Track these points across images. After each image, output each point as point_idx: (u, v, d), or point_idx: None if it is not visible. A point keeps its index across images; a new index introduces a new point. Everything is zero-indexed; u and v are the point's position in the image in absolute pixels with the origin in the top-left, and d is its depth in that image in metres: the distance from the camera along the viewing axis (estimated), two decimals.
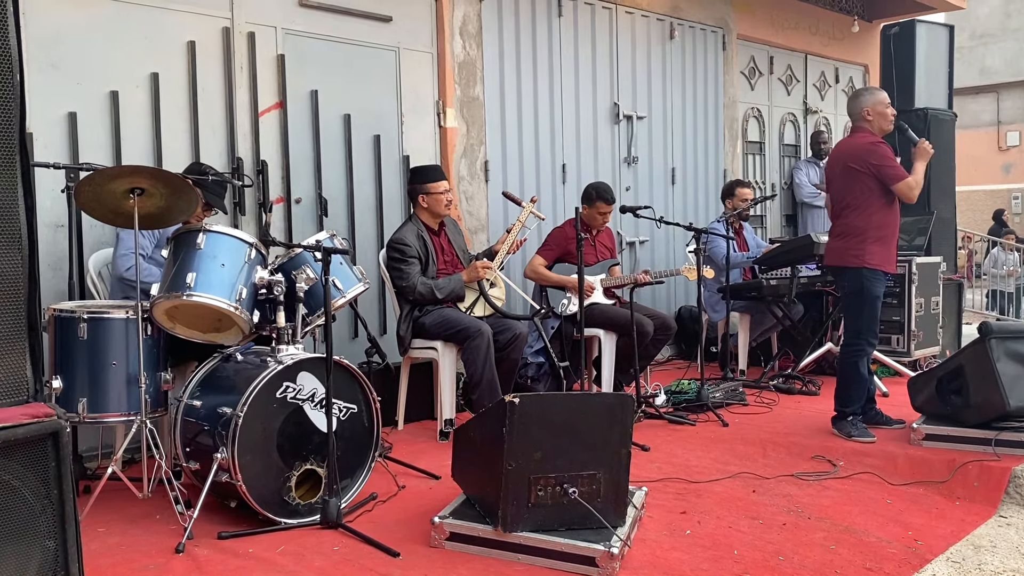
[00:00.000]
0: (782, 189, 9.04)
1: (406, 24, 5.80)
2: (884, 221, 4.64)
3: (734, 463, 4.33)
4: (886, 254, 4.64)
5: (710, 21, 8.03)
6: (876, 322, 4.67)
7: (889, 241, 4.67)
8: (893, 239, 4.69)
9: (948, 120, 7.37)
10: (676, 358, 7.44)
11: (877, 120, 4.71)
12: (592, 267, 5.63)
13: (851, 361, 4.67)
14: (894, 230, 4.69)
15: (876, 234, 4.62)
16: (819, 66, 9.46)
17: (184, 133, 4.81)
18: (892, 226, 4.68)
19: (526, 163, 6.52)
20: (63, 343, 3.51)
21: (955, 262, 7.72)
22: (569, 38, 6.81)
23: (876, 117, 4.72)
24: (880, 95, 4.77)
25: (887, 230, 4.65)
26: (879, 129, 4.72)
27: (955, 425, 4.36)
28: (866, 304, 4.63)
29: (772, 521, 3.55)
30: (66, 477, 2.14)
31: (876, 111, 4.71)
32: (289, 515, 3.42)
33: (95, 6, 4.49)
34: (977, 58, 20.08)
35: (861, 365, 4.65)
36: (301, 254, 3.82)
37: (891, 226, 4.68)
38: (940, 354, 6.46)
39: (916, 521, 3.63)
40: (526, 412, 3.04)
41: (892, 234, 4.68)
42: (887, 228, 4.65)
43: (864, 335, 4.65)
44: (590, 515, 3.08)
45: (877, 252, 4.61)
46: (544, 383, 5.54)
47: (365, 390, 3.67)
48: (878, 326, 4.69)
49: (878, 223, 4.62)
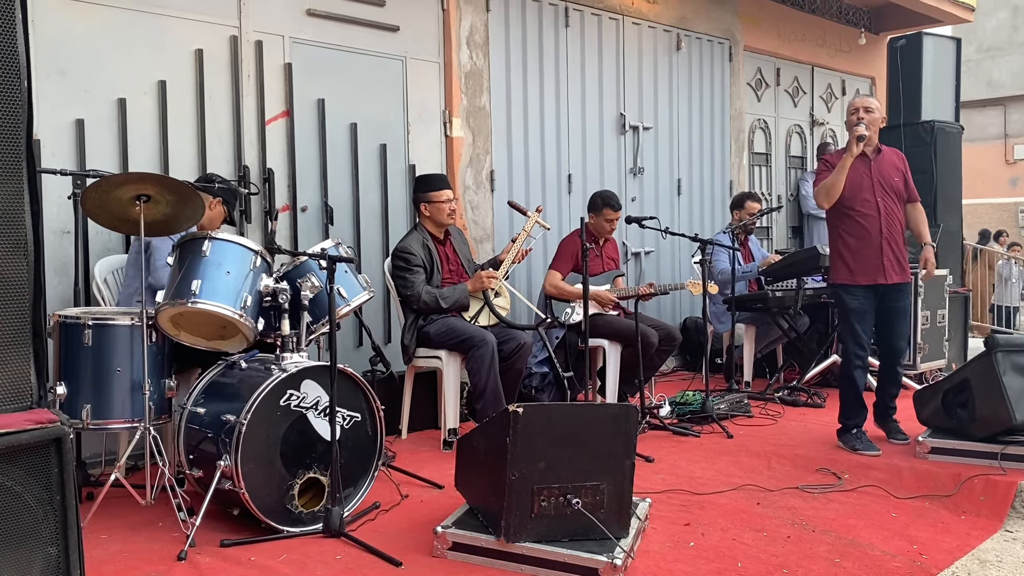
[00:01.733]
0: (788, 201, 9.03)
1: (413, 34, 5.82)
2: (847, 235, 4.65)
3: (739, 475, 4.32)
4: (850, 269, 4.64)
5: (717, 33, 8.03)
6: (859, 335, 4.64)
7: (856, 254, 4.62)
8: (864, 250, 4.61)
9: (955, 133, 7.35)
10: (681, 369, 7.42)
11: (847, 128, 4.72)
12: (597, 277, 5.63)
13: (843, 375, 4.77)
14: (863, 241, 4.60)
15: (838, 249, 4.70)
16: (826, 78, 9.47)
17: (191, 141, 4.82)
18: (856, 239, 4.62)
19: (532, 173, 6.53)
20: (68, 349, 3.52)
21: (961, 275, 7.70)
22: (576, 49, 6.82)
23: (846, 126, 4.73)
24: (851, 103, 4.76)
25: (850, 243, 4.64)
26: None
27: (961, 439, 4.34)
28: (843, 319, 4.71)
29: (776, 534, 3.53)
30: (69, 484, 2.14)
31: (846, 119, 4.74)
32: (292, 523, 3.41)
33: (103, 13, 4.50)
34: (984, 71, 20.07)
35: (854, 379, 4.67)
36: (306, 262, 3.83)
37: (855, 240, 4.62)
38: (946, 367, 6.43)
39: (921, 535, 3.61)
40: (530, 422, 3.03)
41: (861, 246, 4.61)
42: (850, 241, 4.64)
43: (849, 349, 4.69)
44: (593, 526, 3.07)
45: (841, 268, 4.68)
46: (548, 393, 5.53)
47: (369, 399, 3.66)
48: (862, 339, 4.65)
49: (840, 238, 4.69)
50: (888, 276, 4.61)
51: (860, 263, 4.62)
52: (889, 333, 4.73)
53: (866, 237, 4.61)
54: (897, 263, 4.63)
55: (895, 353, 4.78)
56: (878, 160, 4.66)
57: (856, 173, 4.59)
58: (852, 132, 4.55)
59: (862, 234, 4.61)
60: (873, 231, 4.60)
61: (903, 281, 4.67)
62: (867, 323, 4.67)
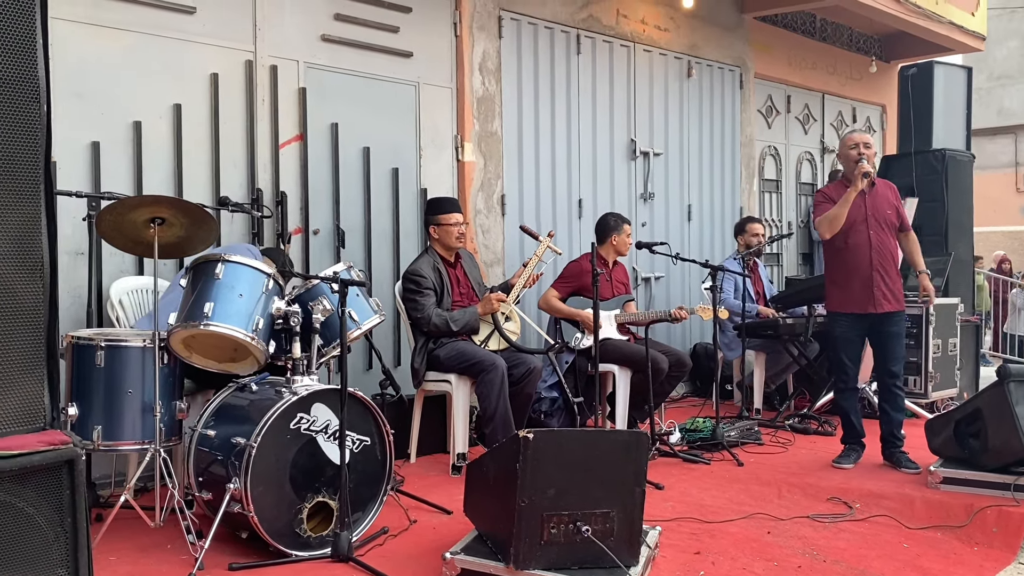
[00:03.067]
0: (799, 227, 9.03)
1: (426, 59, 5.87)
2: (837, 264, 4.81)
3: (749, 503, 4.29)
4: (843, 297, 4.79)
5: (728, 60, 8.07)
6: (843, 362, 4.84)
7: (846, 283, 4.77)
8: (851, 281, 4.74)
9: (966, 161, 7.36)
10: (691, 395, 7.40)
11: (843, 162, 4.87)
12: (607, 302, 5.62)
13: (834, 400, 5.12)
14: (851, 273, 4.74)
15: (832, 278, 4.86)
16: (836, 105, 9.49)
17: (205, 164, 4.86)
18: (846, 269, 4.75)
19: (543, 197, 6.55)
20: (80, 370, 3.53)
21: (973, 303, 7.67)
22: (587, 75, 6.86)
23: (842, 159, 4.86)
24: (847, 137, 4.87)
25: (841, 273, 4.79)
26: (849, 171, 4.79)
27: (973, 469, 4.30)
28: (829, 346, 5.04)
29: (787, 563, 3.50)
30: (80, 506, 2.14)
31: (841, 153, 4.90)
32: (300, 547, 3.40)
33: (120, 37, 4.56)
34: (995, 99, 20.08)
35: (842, 403, 4.95)
36: (318, 285, 3.84)
37: (844, 269, 4.76)
38: (958, 396, 6.40)
39: (933, 566, 3.57)
40: (540, 448, 3.02)
41: (848, 277, 4.75)
42: (841, 271, 4.79)
43: (834, 374, 4.97)
44: (603, 554, 3.05)
45: (834, 295, 4.85)
46: (558, 418, 5.51)
47: (378, 422, 3.66)
48: (847, 365, 4.84)
49: (832, 267, 4.85)
50: (879, 306, 4.74)
51: (850, 292, 4.76)
52: (884, 357, 4.84)
53: (857, 268, 4.74)
54: (890, 293, 4.74)
55: (892, 375, 4.85)
56: (872, 193, 4.77)
57: (851, 206, 4.67)
58: (858, 168, 4.61)
59: (853, 265, 4.74)
60: (863, 262, 4.72)
61: (896, 310, 4.78)
62: (853, 351, 4.89)
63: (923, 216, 7.14)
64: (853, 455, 4.90)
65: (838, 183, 4.88)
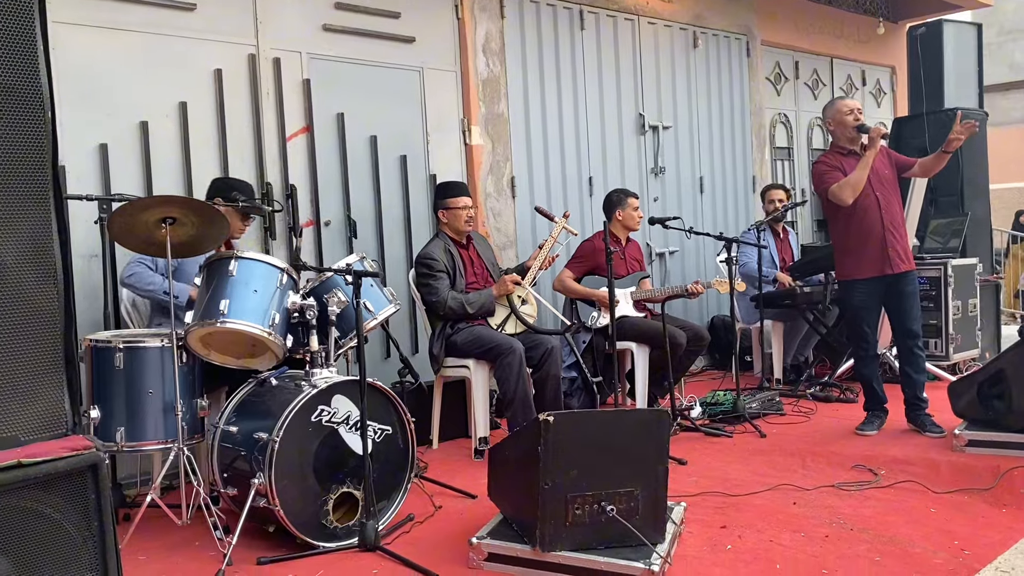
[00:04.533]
0: (812, 194, 8.94)
1: (429, 44, 5.84)
2: (848, 231, 4.73)
3: (773, 475, 4.28)
4: (857, 262, 4.73)
5: (733, 28, 7.99)
6: (863, 331, 4.80)
7: (860, 248, 4.71)
8: (865, 245, 4.69)
9: (979, 119, 7.26)
10: (710, 368, 7.38)
11: (839, 130, 4.80)
12: (622, 280, 5.61)
13: (855, 368, 5.09)
14: (864, 237, 4.68)
15: (844, 245, 4.79)
16: (845, 69, 9.39)
17: (213, 160, 4.86)
18: (858, 234, 4.70)
19: (552, 178, 6.52)
20: (100, 373, 3.54)
21: (991, 262, 7.60)
22: (592, 51, 6.81)
23: (837, 127, 4.80)
24: (839, 104, 4.82)
25: (854, 238, 4.72)
26: (845, 138, 4.77)
27: (998, 430, 4.27)
28: (848, 315, 4.94)
29: (814, 534, 3.49)
30: (106, 509, 2.15)
31: (836, 120, 4.81)
32: (327, 539, 3.42)
33: (123, 38, 4.55)
34: (1006, 54, 19.80)
35: (863, 371, 4.92)
36: (332, 277, 3.85)
37: (856, 234, 4.70)
38: (980, 357, 6.36)
39: (962, 530, 3.55)
40: (560, 430, 3.02)
41: (862, 241, 4.70)
42: (854, 236, 4.72)
43: (854, 343, 4.92)
44: (629, 533, 3.05)
45: (847, 263, 4.79)
46: (577, 398, 5.51)
47: (399, 411, 3.67)
48: (866, 333, 4.81)
49: (843, 234, 4.77)
50: (895, 266, 4.70)
51: (865, 256, 4.70)
52: (902, 318, 4.78)
53: (870, 230, 4.68)
54: (903, 252, 4.73)
55: (912, 336, 4.80)
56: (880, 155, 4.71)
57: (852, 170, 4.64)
58: (874, 130, 4.58)
59: (866, 228, 4.69)
60: (875, 224, 4.68)
61: (910, 270, 4.76)
62: (872, 318, 4.84)
63: (938, 177, 7.02)
64: (876, 421, 4.89)
65: (833, 152, 4.82)
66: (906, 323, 4.78)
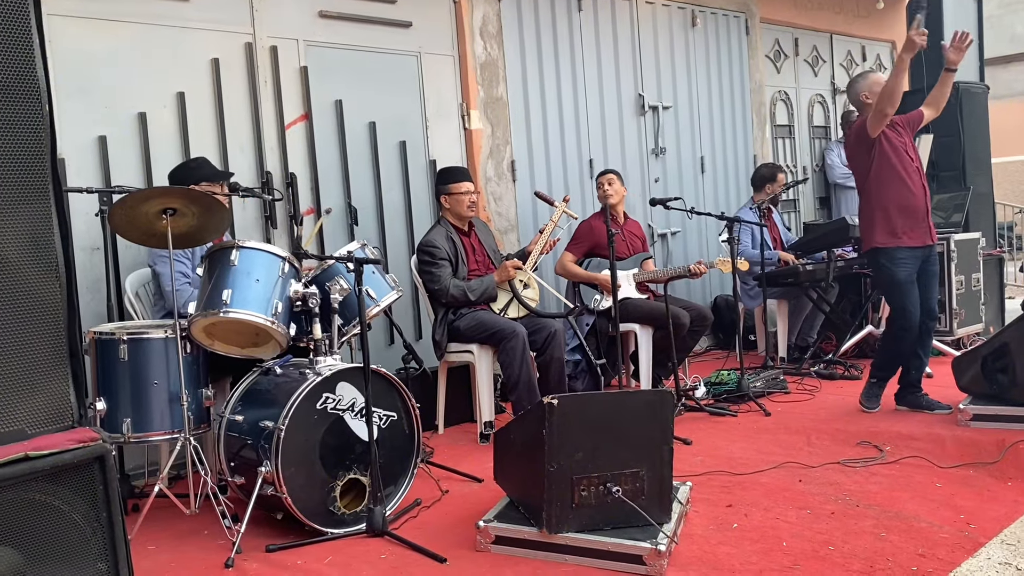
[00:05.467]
0: (814, 172, 8.93)
1: (426, 28, 5.81)
2: (897, 190, 4.54)
3: (778, 453, 4.29)
4: (906, 227, 4.54)
5: (732, 6, 7.95)
6: (909, 309, 4.55)
7: (905, 216, 4.53)
8: (913, 213, 4.53)
9: (980, 93, 7.25)
10: (714, 348, 7.38)
11: (873, 98, 4.61)
12: (624, 261, 5.60)
13: (887, 338, 4.79)
14: (913, 203, 4.53)
15: (887, 211, 4.55)
16: (845, 45, 9.33)
17: (212, 150, 4.84)
18: (907, 199, 4.53)
19: (553, 160, 6.50)
20: (105, 365, 3.56)
21: (995, 237, 7.59)
22: (590, 32, 6.78)
23: (873, 96, 4.61)
24: (872, 76, 4.72)
25: (900, 204, 4.54)
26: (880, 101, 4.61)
27: (1003, 404, 4.29)
28: (893, 289, 4.61)
29: (820, 510, 3.50)
30: (114, 500, 2.16)
31: (873, 92, 4.62)
32: (335, 525, 3.44)
33: (119, 29, 4.54)
34: (1007, 26, 19.67)
35: (901, 351, 4.64)
36: (334, 265, 3.85)
37: (906, 199, 4.53)
38: (984, 332, 6.35)
39: (967, 504, 3.57)
40: (565, 413, 3.03)
41: (909, 209, 4.53)
42: (900, 201, 4.54)
43: (895, 317, 4.64)
44: (635, 513, 3.07)
45: (895, 226, 4.55)
46: (582, 380, 5.53)
47: (404, 397, 3.68)
48: (913, 312, 4.55)
49: (891, 193, 4.54)
50: (933, 236, 4.63)
51: (912, 223, 4.55)
52: (928, 296, 4.70)
53: (916, 196, 4.56)
54: (932, 225, 4.65)
55: (933, 316, 4.74)
56: (900, 128, 4.64)
57: (892, 138, 4.56)
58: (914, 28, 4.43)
59: (910, 196, 4.55)
60: (919, 190, 4.57)
61: (936, 244, 4.70)
62: (915, 294, 4.59)
63: (939, 152, 7.07)
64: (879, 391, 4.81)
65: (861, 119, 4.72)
66: (929, 301, 4.68)
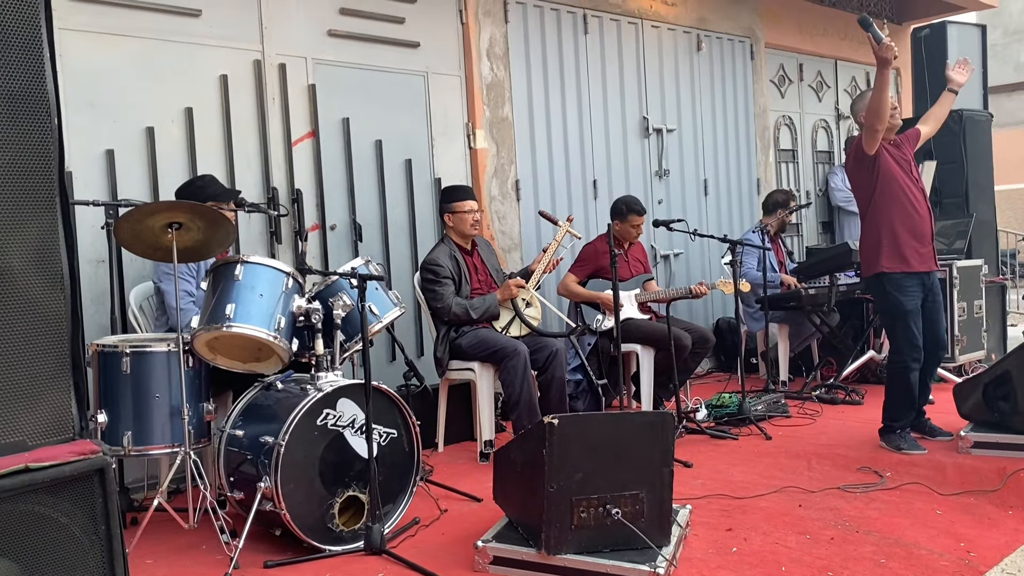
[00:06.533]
0: (817, 196, 8.95)
1: (434, 49, 5.85)
2: (901, 215, 4.42)
3: (779, 477, 4.28)
4: (911, 253, 4.42)
5: (737, 31, 8.00)
6: (914, 335, 4.42)
7: (909, 241, 4.41)
8: (920, 238, 4.42)
9: (984, 121, 7.27)
10: (716, 370, 7.38)
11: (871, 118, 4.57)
12: (626, 282, 5.61)
13: (896, 377, 4.53)
14: (917, 228, 4.42)
15: (897, 230, 4.43)
16: (850, 71, 9.38)
17: (219, 165, 4.87)
18: (911, 223, 4.41)
19: (557, 180, 6.53)
20: (107, 377, 3.56)
21: (998, 264, 7.59)
22: (596, 54, 6.82)
23: (869, 114, 4.56)
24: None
25: (905, 229, 4.42)
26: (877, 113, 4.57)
27: (1004, 432, 4.28)
28: (897, 317, 4.46)
29: (820, 536, 3.49)
30: (113, 513, 2.16)
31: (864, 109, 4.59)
32: (333, 542, 3.43)
33: (129, 44, 4.57)
34: (1012, 55, 19.76)
35: (909, 381, 4.47)
36: (337, 281, 3.86)
37: (910, 224, 4.41)
38: (985, 359, 6.34)
39: (968, 532, 3.55)
40: (565, 433, 3.03)
41: (915, 233, 4.41)
42: (905, 226, 4.42)
43: (905, 351, 4.45)
44: (634, 536, 3.06)
45: (899, 252, 4.42)
46: (583, 400, 5.52)
47: (404, 414, 3.68)
48: (918, 339, 4.43)
49: (895, 218, 4.42)
50: (936, 262, 4.54)
51: (917, 249, 4.43)
52: (937, 325, 4.56)
53: (920, 221, 4.45)
54: (935, 251, 4.56)
55: (942, 346, 4.62)
56: (903, 148, 4.59)
57: (894, 158, 4.48)
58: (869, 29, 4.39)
59: (916, 218, 4.44)
60: (924, 215, 4.47)
61: (938, 270, 4.60)
62: (919, 320, 4.46)
63: (942, 179, 7.07)
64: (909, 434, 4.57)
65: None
66: (938, 330, 4.55)
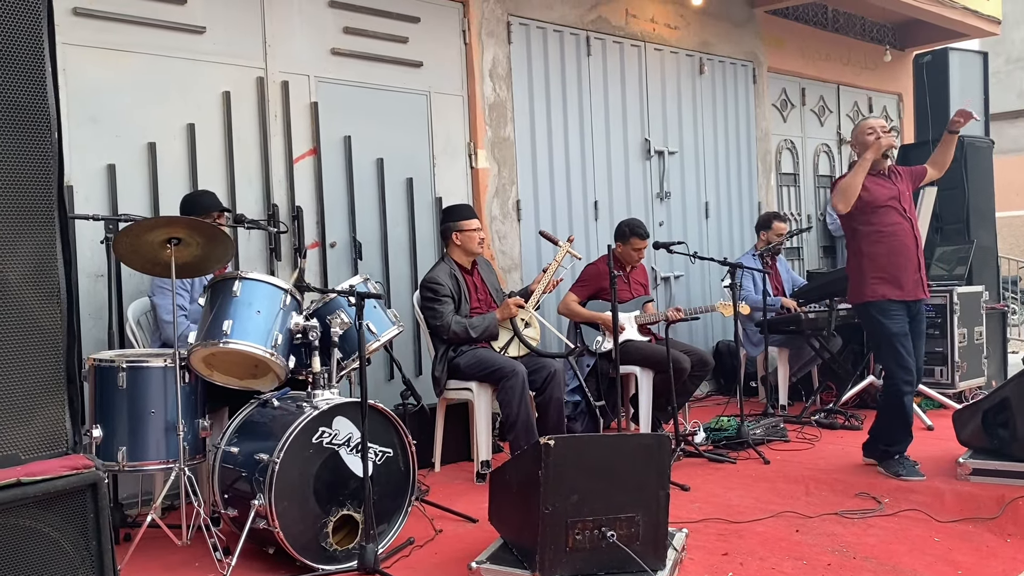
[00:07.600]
0: (818, 221, 8.97)
1: (437, 68, 5.88)
2: (883, 249, 4.50)
3: (776, 502, 4.26)
4: (891, 284, 4.48)
5: (740, 55, 8.03)
6: (905, 359, 4.45)
7: (899, 268, 4.47)
8: (905, 265, 4.48)
9: (985, 147, 7.29)
10: (715, 393, 7.36)
11: (860, 148, 4.64)
12: (626, 304, 5.61)
13: (890, 402, 4.54)
14: (902, 258, 4.48)
15: (879, 264, 4.50)
16: (852, 96, 9.42)
17: (220, 182, 4.88)
18: (895, 254, 4.49)
19: (558, 201, 6.54)
20: (103, 392, 3.56)
21: (999, 290, 7.59)
22: (598, 76, 6.85)
23: (859, 145, 4.65)
24: (864, 123, 4.70)
25: (892, 257, 4.49)
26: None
27: (1003, 459, 4.25)
28: (885, 342, 4.50)
29: (817, 562, 3.47)
30: (105, 529, 2.15)
31: (858, 140, 4.65)
32: (326, 561, 3.41)
33: (132, 60, 4.59)
34: (1014, 82, 19.83)
35: (903, 405, 4.48)
36: (336, 299, 3.85)
37: (893, 254, 4.49)
38: (986, 385, 6.33)
39: (966, 560, 3.53)
40: (561, 454, 3.01)
41: (899, 263, 4.48)
42: (891, 255, 4.49)
43: (898, 376, 4.48)
44: (629, 559, 3.04)
45: (883, 284, 4.49)
46: (581, 422, 5.50)
47: (400, 433, 3.66)
48: (909, 362, 4.46)
49: (877, 252, 4.51)
50: (925, 290, 4.57)
51: (902, 277, 4.49)
52: (916, 351, 4.58)
53: (906, 250, 4.50)
54: (925, 279, 4.59)
55: (920, 375, 4.66)
56: (895, 179, 4.63)
57: (883, 189, 4.55)
58: (878, 143, 4.48)
59: (901, 248, 4.50)
60: (910, 244, 4.52)
61: (926, 298, 4.62)
62: (909, 344, 4.50)
63: (943, 205, 7.08)
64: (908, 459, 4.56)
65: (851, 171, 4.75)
66: (917, 356, 4.57)
